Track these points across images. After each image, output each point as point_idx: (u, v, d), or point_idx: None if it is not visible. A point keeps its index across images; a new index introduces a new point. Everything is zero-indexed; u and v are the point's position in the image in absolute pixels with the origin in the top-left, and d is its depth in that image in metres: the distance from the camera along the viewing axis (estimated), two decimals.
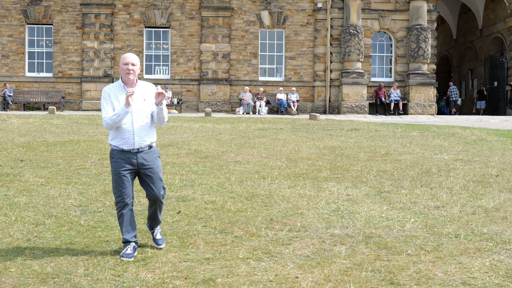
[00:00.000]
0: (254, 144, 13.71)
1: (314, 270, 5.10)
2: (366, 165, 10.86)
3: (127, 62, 5.46)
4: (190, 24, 28.49)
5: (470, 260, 5.40)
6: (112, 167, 5.52)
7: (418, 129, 18.34)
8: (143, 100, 5.48)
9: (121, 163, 5.45)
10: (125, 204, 5.49)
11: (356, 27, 27.95)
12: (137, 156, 5.48)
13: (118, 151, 5.49)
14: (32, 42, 28.23)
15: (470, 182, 9.29)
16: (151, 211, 5.74)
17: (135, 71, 5.48)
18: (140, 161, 5.48)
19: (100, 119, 20.44)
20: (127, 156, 5.46)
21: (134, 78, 5.50)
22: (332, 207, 7.56)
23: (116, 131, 5.47)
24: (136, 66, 5.48)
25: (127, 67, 5.45)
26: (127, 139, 5.43)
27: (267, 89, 28.63)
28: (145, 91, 5.54)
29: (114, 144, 5.50)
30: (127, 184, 5.47)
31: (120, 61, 5.52)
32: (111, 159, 5.54)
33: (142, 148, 5.49)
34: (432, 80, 28.44)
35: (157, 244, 5.73)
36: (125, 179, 5.46)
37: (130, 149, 5.45)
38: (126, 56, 5.50)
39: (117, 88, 5.50)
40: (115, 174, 5.48)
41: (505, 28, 31.91)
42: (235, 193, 8.31)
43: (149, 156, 5.54)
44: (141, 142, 5.47)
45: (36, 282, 4.74)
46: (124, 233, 5.52)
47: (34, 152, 11.70)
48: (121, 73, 5.52)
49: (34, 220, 6.69)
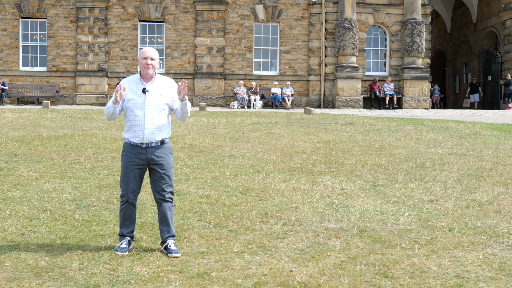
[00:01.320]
0: (249, 138, 13.71)
1: (308, 264, 5.12)
2: (360, 159, 10.89)
3: (146, 57, 5.41)
4: (185, 18, 28.42)
5: (463, 253, 5.43)
6: (122, 160, 5.53)
7: (413, 123, 18.38)
8: (159, 95, 5.44)
9: (130, 157, 5.43)
10: (128, 200, 5.46)
11: (351, 21, 27.95)
12: (147, 151, 5.43)
13: (130, 145, 5.46)
14: (26, 36, 28.10)
15: (464, 176, 9.33)
16: (160, 214, 5.53)
17: (154, 66, 5.43)
18: (149, 156, 5.42)
19: (94, 113, 20.40)
20: (137, 151, 5.43)
21: (152, 73, 5.45)
22: (327, 201, 7.58)
23: (128, 124, 5.46)
24: (155, 60, 5.44)
25: (146, 61, 5.41)
26: (137, 133, 5.40)
27: (261, 83, 28.61)
28: (163, 86, 5.49)
29: (127, 137, 5.47)
30: (133, 180, 5.43)
31: (139, 55, 5.47)
32: (122, 152, 5.55)
33: (153, 143, 5.43)
34: (426, 74, 28.49)
35: (170, 253, 5.32)
36: (132, 174, 5.42)
37: (140, 143, 5.40)
38: (145, 50, 5.46)
39: (134, 81, 5.48)
40: (123, 167, 5.48)
41: (499, 22, 31.96)
42: (229, 187, 8.32)
43: (160, 152, 5.47)
44: (152, 137, 5.41)
45: (31, 276, 4.75)
46: (122, 227, 5.51)
47: (28, 147, 11.67)
48: (140, 67, 5.47)
49: (28, 215, 6.68)
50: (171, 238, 5.47)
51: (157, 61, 5.46)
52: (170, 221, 5.51)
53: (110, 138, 13.24)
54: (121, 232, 5.52)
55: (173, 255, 5.30)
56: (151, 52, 5.45)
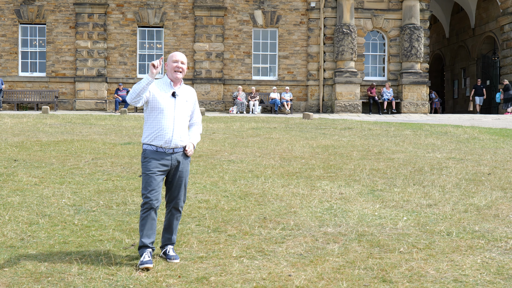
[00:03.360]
0: (248, 143, 13.73)
1: (307, 268, 5.13)
2: (359, 163, 10.90)
3: (177, 60, 5.37)
4: (184, 23, 28.48)
5: (462, 257, 5.44)
6: (144, 167, 5.32)
7: (411, 128, 18.40)
8: (186, 101, 5.42)
9: (154, 163, 5.27)
10: (151, 207, 5.24)
11: (349, 26, 28.01)
12: (171, 157, 5.33)
13: (152, 151, 5.30)
14: (26, 41, 28.14)
15: (462, 180, 9.35)
16: (166, 220, 5.50)
17: (183, 70, 5.40)
18: (174, 162, 5.34)
19: (93, 119, 20.40)
20: (161, 157, 5.29)
21: (181, 77, 5.42)
22: (325, 205, 7.59)
23: (154, 127, 5.30)
24: (185, 65, 5.41)
25: (177, 64, 5.36)
26: (165, 134, 5.27)
27: (260, 88, 28.64)
28: (188, 93, 5.50)
29: (149, 143, 5.32)
30: (157, 187, 5.25)
31: (169, 59, 5.39)
32: (143, 159, 5.34)
33: (178, 148, 5.35)
34: (425, 79, 28.54)
35: (170, 259, 5.34)
36: (156, 180, 5.26)
37: (166, 147, 5.28)
38: (176, 54, 5.40)
39: (163, 82, 5.42)
40: (146, 174, 5.28)
41: (497, 27, 32.04)
42: (228, 192, 8.33)
43: (183, 159, 5.40)
44: (178, 141, 5.32)
45: (30, 281, 4.75)
46: (143, 237, 5.25)
47: (27, 152, 11.68)
48: (169, 71, 5.38)
49: (27, 220, 6.69)
50: (170, 245, 5.48)
51: (186, 66, 5.44)
52: (175, 230, 5.50)
53: (109, 143, 13.25)
54: (142, 242, 5.24)
55: (172, 261, 5.29)
56: (181, 56, 5.41)
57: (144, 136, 5.38)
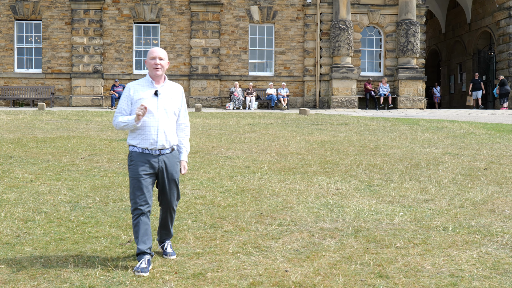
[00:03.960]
0: (244, 139, 13.72)
1: (303, 264, 5.13)
2: (355, 159, 10.91)
3: (154, 56, 5.12)
4: (180, 19, 28.41)
5: (458, 252, 5.45)
6: (131, 171, 5.11)
7: (407, 123, 18.42)
8: (170, 99, 5.16)
9: (141, 165, 5.06)
10: (142, 212, 5.05)
11: (346, 21, 27.98)
12: (158, 159, 5.10)
13: (138, 153, 5.09)
14: (21, 38, 28.05)
15: (459, 175, 9.36)
16: (161, 219, 5.37)
17: (163, 66, 5.13)
18: (161, 164, 5.11)
19: (90, 115, 20.37)
20: (148, 159, 5.07)
21: (162, 74, 5.15)
22: (322, 201, 7.60)
23: (139, 129, 5.09)
24: (164, 60, 5.14)
25: (155, 61, 5.11)
26: (149, 137, 5.06)
27: (257, 84, 28.61)
28: (173, 90, 5.23)
29: (134, 144, 5.11)
30: (145, 190, 5.05)
31: (147, 56, 5.15)
32: (130, 162, 5.14)
33: (165, 149, 5.12)
34: (421, 75, 28.54)
35: (167, 256, 5.33)
36: (145, 184, 5.05)
37: (152, 148, 5.06)
38: (153, 50, 5.15)
39: (143, 84, 5.17)
40: (133, 178, 5.07)
41: (493, 22, 32.05)
42: (225, 188, 8.33)
43: (171, 160, 5.17)
44: (164, 143, 5.09)
45: (26, 278, 4.74)
46: (140, 244, 5.04)
47: (23, 149, 11.65)
48: (148, 69, 5.18)
49: (23, 217, 6.68)
50: (168, 239, 5.44)
51: (166, 61, 5.17)
52: (171, 224, 5.40)
53: (105, 139, 13.23)
54: (139, 249, 5.04)
55: (168, 257, 5.28)
56: (159, 51, 5.15)
57: (130, 137, 5.18)
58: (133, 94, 5.13)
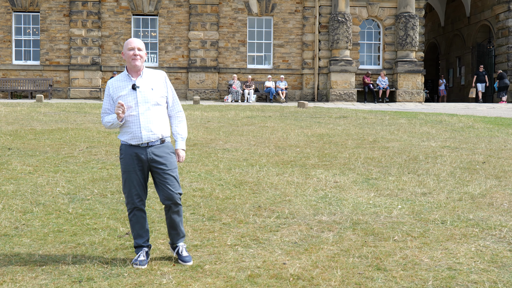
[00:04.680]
0: (243, 132, 13.71)
1: (301, 257, 5.14)
2: (354, 152, 10.91)
3: (133, 47, 4.93)
4: (178, 11, 28.33)
5: (456, 245, 5.46)
6: (121, 165, 5.02)
7: (406, 117, 18.41)
8: (151, 89, 4.96)
9: (130, 159, 4.94)
10: (135, 206, 4.96)
11: (345, 14, 27.92)
12: (146, 151, 4.92)
13: (127, 146, 4.97)
14: (19, 29, 27.95)
15: (457, 168, 9.36)
16: (168, 219, 5.10)
17: (142, 57, 4.94)
18: (150, 156, 4.92)
19: (88, 107, 20.33)
20: (136, 152, 4.92)
21: (140, 65, 4.96)
22: (320, 194, 7.60)
23: (124, 127, 4.97)
24: (142, 51, 4.95)
25: (133, 52, 4.92)
26: (134, 133, 4.92)
27: (255, 77, 28.57)
28: (153, 79, 5.03)
29: (123, 140, 5.01)
30: (137, 184, 4.94)
31: (124, 47, 4.96)
32: (120, 155, 5.04)
33: (152, 142, 4.94)
34: (420, 68, 28.52)
35: (183, 261, 4.98)
36: (135, 177, 4.93)
37: (138, 143, 4.92)
38: (131, 41, 4.97)
39: (121, 79, 5.00)
40: (124, 172, 4.98)
41: (492, 15, 32.00)
42: (223, 180, 8.32)
43: (161, 151, 4.97)
44: (150, 136, 4.92)
45: (24, 270, 4.75)
46: (136, 237, 5.01)
47: (21, 140, 11.63)
48: (126, 60, 4.97)
49: (22, 208, 6.67)
50: (181, 240, 5.12)
51: (144, 52, 4.99)
52: (180, 224, 5.11)
53: (103, 132, 13.21)
54: (136, 243, 5.01)
55: (186, 263, 4.94)
56: (136, 42, 4.96)
57: (120, 133, 5.09)
58: (112, 93, 4.99)
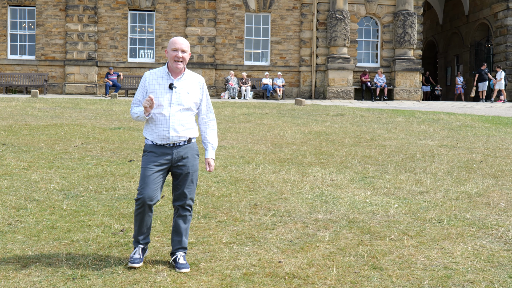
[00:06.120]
0: (239, 129, 13.67)
1: (297, 255, 5.10)
2: (350, 150, 10.88)
3: (177, 48, 4.76)
4: (175, 7, 28.24)
5: (452, 245, 5.43)
6: (142, 161, 4.87)
7: (403, 115, 18.39)
8: (187, 92, 4.82)
9: (152, 157, 4.80)
10: (145, 204, 4.78)
11: (343, 12, 27.87)
12: (172, 151, 4.81)
13: (151, 145, 4.83)
14: (15, 24, 27.82)
15: (454, 167, 9.34)
16: (174, 221, 4.98)
17: (185, 59, 4.79)
18: (175, 156, 4.81)
19: (83, 103, 20.26)
20: (162, 151, 4.79)
21: (182, 67, 4.81)
22: (316, 192, 7.56)
23: (150, 123, 4.84)
24: (186, 53, 4.79)
25: (176, 54, 4.75)
26: (161, 133, 4.77)
27: (252, 74, 28.52)
28: (192, 83, 4.89)
29: (149, 138, 4.85)
30: (153, 183, 4.78)
31: (168, 46, 4.82)
32: (144, 153, 4.89)
33: (179, 142, 4.82)
34: (418, 66, 28.50)
35: (178, 268, 4.77)
36: (154, 176, 4.78)
37: (165, 143, 4.79)
38: (176, 41, 4.78)
39: (160, 74, 4.85)
40: (143, 168, 4.82)
41: (491, 14, 31.99)
42: (219, 177, 8.28)
43: (187, 151, 4.85)
44: (178, 138, 4.79)
45: (18, 267, 4.70)
46: (138, 234, 4.89)
47: (16, 136, 11.57)
48: (169, 59, 4.82)
49: (15, 204, 6.62)
50: (181, 250, 4.91)
51: (188, 53, 4.82)
52: (184, 232, 4.93)
53: (99, 128, 13.15)
54: (135, 237, 4.92)
55: (181, 270, 4.73)
56: (182, 43, 4.78)
57: (145, 130, 4.95)
58: (148, 85, 4.85)
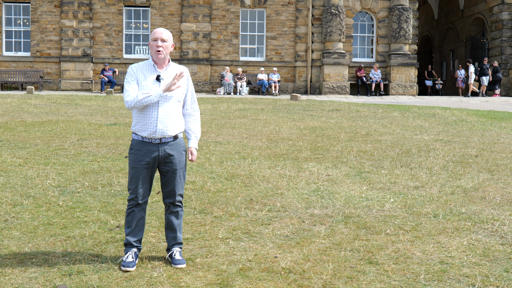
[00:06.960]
0: (235, 125, 13.67)
1: (293, 250, 5.11)
2: (346, 145, 10.89)
3: (156, 38, 4.71)
4: (170, 3, 28.17)
5: (448, 239, 5.45)
6: (130, 160, 4.82)
7: (399, 110, 18.41)
8: None
9: (140, 156, 4.74)
10: (137, 203, 4.78)
11: (338, 7, 27.86)
12: (159, 148, 4.74)
13: (139, 142, 4.76)
14: (10, 20, 27.72)
15: (450, 162, 9.36)
16: (166, 217, 4.95)
17: (166, 48, 4.74)
18: (162, 154, 4.75)
19: (79, 99, 20.21)
20: (148, 148, 4.73)
21: (165, 57, 4.78)
22: (312, 187, 7.57)
23: (140, 114, 4.74)
24: (167, 42, 4.73)
25: (156, 43, 4.70)
26: (149, 125, 4.70)
27: (248, 69, 28.50)
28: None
29: (135, 131, 4.78)
30: (143, 181, 4.77)
31: (150, 37, 4.75)
32: (130, 150, 4.83)
33: (166, 138, 4.75)
34: (413, 61, 28.52)
35: (174, 264, 4.76)
36: (142, 174, 4.76)
37: (151, 137, 4.71)
38: (155, 31, 4.74)
39: (145, 67, 4.78)
40: (132, 168, 4.78)
41: (486, 8, 32.02)
42: (215, 173, 8.28)
43: (173, 148, 4.79)
44: (165, 131, 4.71)
45: (14, 263, 4.69)
46: (128, 234, 4.82)
47: (12, 132, 11.54)
48: (151, 51, 4.77)
49: (11, 201, 6.61)
50: (177, 246, 4.89)
51: (170, 43, 4.77)
52: (178, 227, 4.91)
53: (94, 124, 13.13)
54: (127, 240, 4.81)
55: (177, 266, 4.71)
56: (162, 32, 4.73)
57: (132, 123, 4.85)
58: (140, 77, 4.75)
